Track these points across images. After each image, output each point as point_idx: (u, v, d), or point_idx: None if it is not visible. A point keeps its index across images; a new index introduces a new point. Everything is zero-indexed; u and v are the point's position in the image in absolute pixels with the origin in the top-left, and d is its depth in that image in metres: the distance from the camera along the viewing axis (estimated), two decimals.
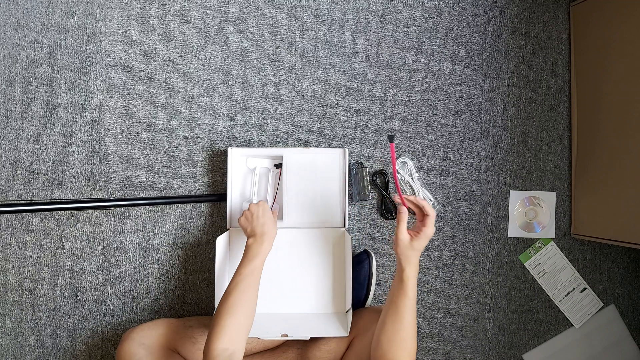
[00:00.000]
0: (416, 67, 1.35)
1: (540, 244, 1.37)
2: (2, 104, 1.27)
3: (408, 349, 0.92)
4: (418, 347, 1.34)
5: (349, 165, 1.30)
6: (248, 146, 1.31)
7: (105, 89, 1.29)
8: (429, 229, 0.95)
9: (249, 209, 1.13)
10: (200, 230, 1.30)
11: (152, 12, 1.30)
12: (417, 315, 1.35)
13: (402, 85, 1.35)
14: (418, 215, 0.97)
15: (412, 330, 0.94)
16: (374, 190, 1.33)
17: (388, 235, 1.34)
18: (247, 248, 1.06)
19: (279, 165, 1.23)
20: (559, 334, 1.37)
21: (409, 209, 0.97)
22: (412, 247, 0.94)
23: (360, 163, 1.30)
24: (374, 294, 1.31)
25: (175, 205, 1.30)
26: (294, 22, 1.33)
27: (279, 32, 1.32)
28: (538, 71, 1.37)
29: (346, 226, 1.24)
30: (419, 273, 1.34)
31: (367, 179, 1.30)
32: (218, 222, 1.30)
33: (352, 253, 1.28)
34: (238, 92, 1.32)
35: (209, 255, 1.30)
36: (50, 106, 1.28)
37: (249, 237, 1.09)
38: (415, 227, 0.97)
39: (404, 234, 0.95)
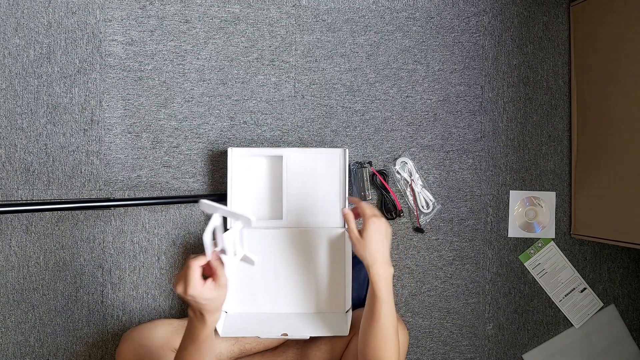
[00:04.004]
0: (416, 67, 1.35)
1: (540, 244, 1.37)
2: (2, 104, 1.27)
3: (390, 351, 0.93)
4: (418, 347, 1.34)
5: (349, 165, 1.30)
6: (248, 146, 1.31)
7: (105, 89, 1.29)
8: (368, 219, 0.96)
9: (176, 292, 0.83)
10: (200, 230, 1.30)
11: (152, 12, 1.30)
12: (417, 315, 1.35)
13: (402, 85, 1.35)
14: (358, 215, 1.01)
15: (392, 335, 0.94)
16: (374, 190, 1.33)
17: None
18: (189, 321, 0.86)
19: None
20: (559, 334, 1.37)
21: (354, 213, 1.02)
22: (365, 243, 0.96)
23: (361, 163, 1.30)
24: None
25: (175, 205, 1.30)
26: (294, 22, 1.33)
27: (279, 32, 1.32)
28: (538, 71, 1.37)
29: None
30: (419, 273, 1.34)
31: (367, 179, 1.30)
32: None
33: (352, 253, 1.28)
34: (238, 92, 1.32)
35: None
36: (50, 106, 1.28)
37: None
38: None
39: (354, 232, 0.98)
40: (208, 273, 0.84)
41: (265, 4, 1.32)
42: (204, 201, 0.87)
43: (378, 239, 0.96)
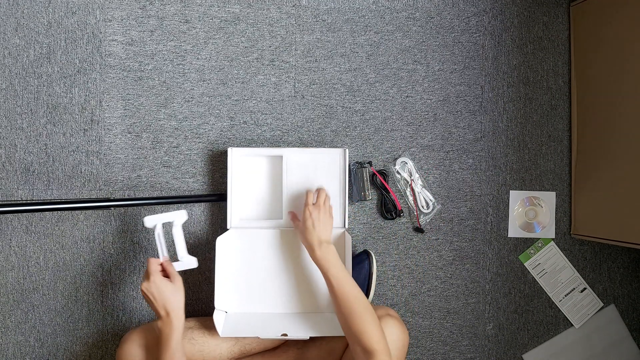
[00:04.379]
0: (416, 67, 1.35)
1: (540, 244, 1.37)
2: (2, 104, 1.27)
3: (364, 318, 0.96)
4: (418, 347, 1.35)
5: (349, 165, 1.30)
6: (248, 146, 1.31)
7: (105, 89, 1.29)
8: (304, 208, 1.12)
9: (142, 290, 1.01)
10: (200, 230, 1.30)
11: (152, 12, 1.30)
12: (417, 315, 1.35)
13: (402, 85, 1.35)
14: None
15: (355, 303, 0.99)
16: (374, 190, 1.33)
17: (388, 235, 1.34)
18: (159, 331, 0.99)
19: None
20: (559, 334, 1.38)
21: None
22: (300, 231, 1.11)
23: (361, 163, 1.30)
24: (374, 294, 1.31)
25: (175, 205, 1.30)
26: (294, 22, 1.33)
27: (279, 32, 1.32)
28: (538, 71, 1.37)
29: (346, 226, 1.24)
30: (419, 273, 1.35)
31: (367, 179, 1.30)
32: (218, 222, 1.30)
33: (352, 253, 1.28)
34: (238, 92, 1.32)
35: (209, 255, 1.30)
36: (50, 106, 1.28)
37: (156, 315, 1.01)
38: None
39: (295, 226, 1.16)
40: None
41: (265, 4, 1.32)
42: (146, 218, 1.09)
43: (311, 225, 1.09)
